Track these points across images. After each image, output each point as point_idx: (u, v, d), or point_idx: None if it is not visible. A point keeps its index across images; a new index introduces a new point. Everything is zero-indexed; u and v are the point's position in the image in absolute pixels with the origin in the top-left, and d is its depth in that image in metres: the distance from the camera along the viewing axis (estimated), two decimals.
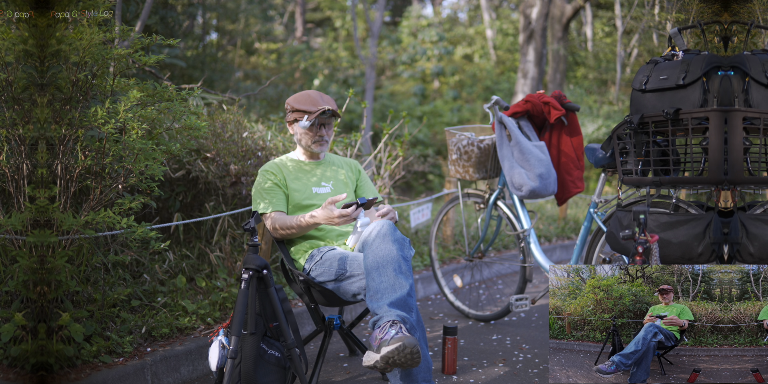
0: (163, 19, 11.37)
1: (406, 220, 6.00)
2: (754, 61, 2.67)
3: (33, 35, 2.60)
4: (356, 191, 3.14)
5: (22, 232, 2.66)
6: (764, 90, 2.63)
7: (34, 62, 2.67)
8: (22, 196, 2.75)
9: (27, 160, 2.74)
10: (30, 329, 2.60)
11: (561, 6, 13.45)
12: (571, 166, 3.68)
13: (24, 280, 2.56)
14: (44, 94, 2.66)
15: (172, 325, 3.20)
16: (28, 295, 2.60)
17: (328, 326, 2.93)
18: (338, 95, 15.80)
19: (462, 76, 19.40)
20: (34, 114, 2.61)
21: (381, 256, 2.48)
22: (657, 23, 7.61)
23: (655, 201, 2.99)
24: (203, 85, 5.39)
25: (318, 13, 24.47)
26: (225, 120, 4.44)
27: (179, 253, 4.02)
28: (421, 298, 4.78)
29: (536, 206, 8.76)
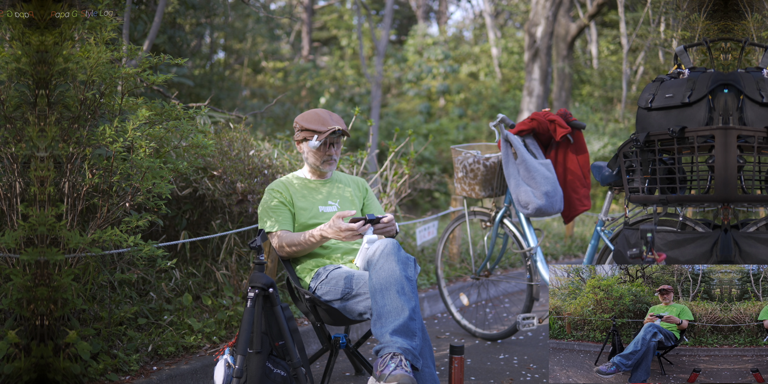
0: (171, 38, 11.48)
1: (412, 238, 6.00)
2: (749, 78, 2.68)
3: (26, 53, 2.60)
4: (363, 209, 3.14)
5: (16, 250, 2.66)
6: (758, 108, 2.64)
7: (27, 81, 2.67)
8: (15, 214, 2.75)
9: (20, 178, 2.74)
10: (23, 347, 2.59)
11: (566, 25, 13.52)
12: (577, 184, 3.67)
13: (17, 298, 2.56)
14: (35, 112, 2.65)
15: (178, 344, 3.19)
16: (21, 313, 2.59)
17: (334, 345, 2.91)
18: (344, 113, 15.87)
19: (467, 94, 19.47)
20: (26, 132, 2.60)
21: (384, 277, 2.47)
22: (663, 41, 7.64)
23: (662, 219, 2.98)
24: (210, 104, 5.42)
25: (324, 32, 24.67)
26: (232, 138, 4.46)
27: (185, 271, 4.02)
28: (427, 316, 4.76)
29: (543, 224, 8.74)
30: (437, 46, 19.25)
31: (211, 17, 13.79)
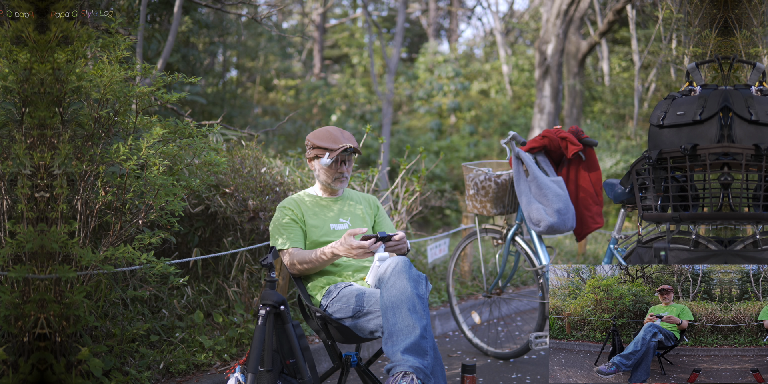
0: (184, 56, 11.60)
1: (423, 256, 5.98)
2: (737, 96, 2.68)
3: (13, 71, 2.59)
4: (374, 227, 3.14)
5: (4, 267, 2.66)
6: (747, 125, 2.64)
7: (14, 98, 2.68)
8: (2, 231, 2.75)
9: (7, 196, 2.75)
10: (11, 364, 2.59)
11: (576, 42, 13.56)
12: (589, 201, 3.66)
13: (5, 315, 2.55)
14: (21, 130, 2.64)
15: (189, 362, 3.18)
16: (9, 329, 2.59)
17: (345, 363, 2.90)
18: (355, 131, 15.93)
19: (478, 112, 19.51)
20: (13, 150, 2.60)
21: (395, 295, 2.47)
22: (674, 58, 7.65)
23: (675, 237, 2.96)
24: (223, 122, 5.47)
25: (336, 50, 24.86)
26: (244, 156, 4.48)
27: (197, 288, 4.03)
28: (438, 334, 4.73)
29: (555, 242, 8.70)
30: (448, 64, 19.34)
31: (224, 36, 13.94)
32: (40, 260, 2.63)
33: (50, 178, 2.68)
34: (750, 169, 2.66)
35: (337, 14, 26.47)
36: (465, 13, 29.07)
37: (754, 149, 2.60)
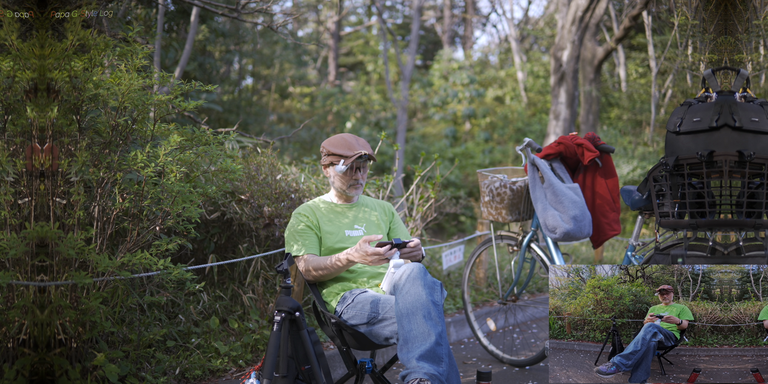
0: (201, 65, 11.70)
1: (438, 263, 5.97)
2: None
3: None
4: (389, 234, 3.15)
5: None
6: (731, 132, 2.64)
7: None
8: None
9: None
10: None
11: (592, 48, 13.52)
12: (606, 208, 3.64)
13: None
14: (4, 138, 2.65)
15: (205, 367, 3.20)
16: None
17: (360, 370, 2.90)
18: (370, 137, 15.96)
19: (493, 118, 19.49)
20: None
21: (411, 301, 2.47)
22: (690, 64, 7.60)
23: (692, 244, 2.94)
24: (238, 129, 5.50)
25: (351, 58, 24.96)
26: (259, 163, 4.51)
27: (213, 294, 4.04)
28: (453, 341, 4.72)
29: (571, 249, 8.65)
30: (463, 71, 19.35)
31: (240, 44, 14.04)
32: (57, 267, 2.64)
33: (67, 185, 2.69)
34: (733, 175, 2.67)
35: (352, 22, 26.59)
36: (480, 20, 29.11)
37: (738, 156, 2.61)
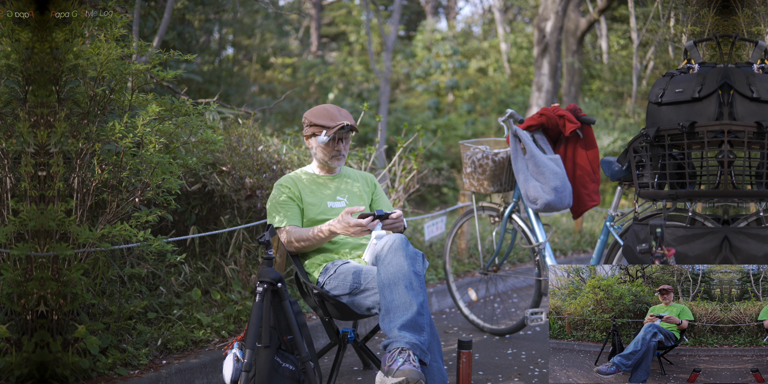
0: (180, 34, 11.50)
1: (420, 234, 6.00)
2: (739, 74, 2.67)
3: (16, 50, 2.59)
4: (371, 205, 3.15)
5: (6, 245, 2.67)
6: (748, 103, 2.63)
7: (17, 77, 2.67)
8: (5, 209, 2.76)
9: (10, 174, 2.76)
10: (14, 341, 2.61)
11: (575, 19, 13.46)
12: (586, 179, 3.66)
13: (8, 292, 2.57)
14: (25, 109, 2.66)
15: (187, 338, 3.20)
16: (12, 307, 2.61)
17: (342, 340, 2.92)
18: (353, 109, 15.86)
19: (476, 90, 19.43)
20: (17, 128, 2.61)
21: (392, 272, 2.48)
22: (672, 36, 7.60)
23: (672, 214, 2.97)
24: (219, 100, 5.44)
25: (333, 28, 24.66)
26: (240, 134, 4.47)
27: (195, 265, 4.04)
28: (435, 311, 4.76)
29: (551, 219, 8.72)
30: (446, 42, 19.21)
31: (220, 13, 13.80)
32: (41, 238, 2.64)
33: (47, 157, 2.67)
34: (752, 146, 2.66)
35: None
36: None
37: (756, 127, 2.60)
